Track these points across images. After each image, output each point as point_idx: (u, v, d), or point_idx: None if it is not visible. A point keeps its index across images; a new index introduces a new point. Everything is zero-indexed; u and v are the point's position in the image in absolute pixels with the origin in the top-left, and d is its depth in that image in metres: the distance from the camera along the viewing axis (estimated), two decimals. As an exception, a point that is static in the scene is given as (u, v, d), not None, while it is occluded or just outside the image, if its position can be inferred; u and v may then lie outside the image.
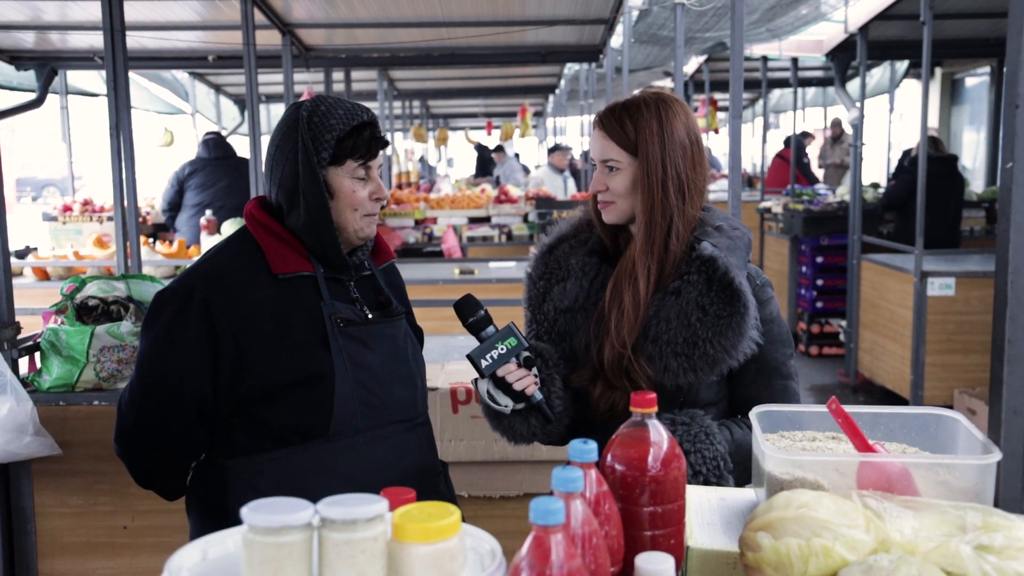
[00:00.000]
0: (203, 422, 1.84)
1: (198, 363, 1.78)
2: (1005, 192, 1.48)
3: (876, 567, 1.07)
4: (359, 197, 1.84)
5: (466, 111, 16.78)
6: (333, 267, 1.89)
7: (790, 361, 1.91)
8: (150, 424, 1.83)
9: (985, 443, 1.34)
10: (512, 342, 1.81)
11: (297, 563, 0.98)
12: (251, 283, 1.81)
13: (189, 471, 1.95)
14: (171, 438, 1.85)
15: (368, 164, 1.85)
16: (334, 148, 1.80)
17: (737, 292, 1.77)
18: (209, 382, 1.79)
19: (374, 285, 1.98)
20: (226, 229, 5.94)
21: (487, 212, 8.50)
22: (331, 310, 1.83)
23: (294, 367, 1.79)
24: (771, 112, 14.42)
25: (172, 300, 1.81)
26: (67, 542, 3.06)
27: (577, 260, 1.94)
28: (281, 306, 1.81)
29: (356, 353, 1.84)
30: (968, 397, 5.72)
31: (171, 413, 1.81)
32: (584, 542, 1.04)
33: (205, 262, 1.88)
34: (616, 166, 1.85)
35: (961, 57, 10.62)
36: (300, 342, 1.80)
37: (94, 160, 16.16)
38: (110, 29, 3.85)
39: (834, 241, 7.89)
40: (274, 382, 1.78)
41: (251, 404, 1.80)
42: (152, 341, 1.82)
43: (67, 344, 2.95)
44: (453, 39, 6.58)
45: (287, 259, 1.83)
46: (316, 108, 1.82)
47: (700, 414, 1.80)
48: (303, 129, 1.80)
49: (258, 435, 1.81)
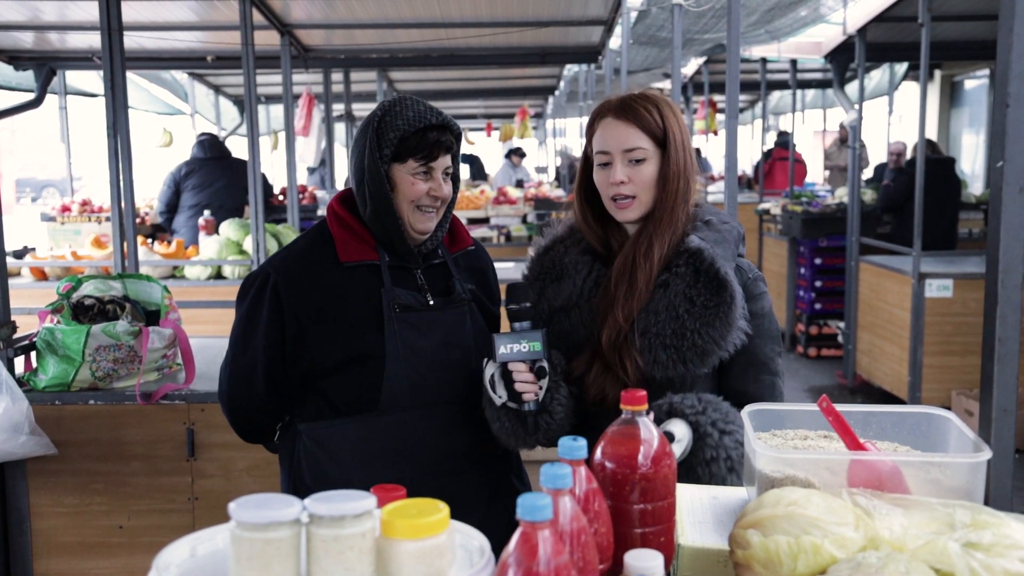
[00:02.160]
0: (279, 390, 2.03)
1: (270, 339, 1.98)
2: (996, 191, 1.48)
3: (864, 564, 1.07)
4: (416, 190, 1.95)
5: (466, 112, 16.78)
6: (400, 256, 2.02)
7: (778, 359, 1.91)
8: (237, 387, 2.06)
9: (976, 442, 1.34)
10: (536, 346, 1.82)
11: (285, 559, 0.98)
12: (318, 270, 1.98)
13: (277, 430, 2.14)
14: (255, 401, 2.05)
15: (430, 164, 1.95)
16: (396, 146, 1.93)
17: (723, 282, 1.78)
18: (280, 356, 1.99)
19: (445, 272, 2.09)
20: (224, 230, 5.94)
21: (486, 213, 8.51)
22: (391, 296, 1.96)
23: (349, 346, 1.95)
24: (770, 114, 14.43)
25: (253, 283, 2.02)
26: (63, 542, 3.06)
27: (571, 259, 1.95)
28: (343, 291, 1.97)
29: (409, 337, 1.96)
30: (965, 398, 5.73)
31: (252, 381, 2.02)
32: (572, 539, 1.04)
33: (281, 251, 2.08)
34: (643, 155, 1.84)
35: (960, 59, 10.62)
36: (356, 323, 1.95)
37: (93, 161, 16.15)
38: (107, 29, 3.86)
39: (832, 243, 7.89)
40: (331, 358, 1.95)
41: (315, 377, 1.99)
42: (238, 319, 2.05)
43: (63, 343, 2.95)
44: (452, 40, 6.58)
45: (354, 249, 1.99)
46: (391, 107, 1.96)
47: (720, 400, 1.80)
48: (373, 126, 1.95)
49: (321, 405, 2.00)
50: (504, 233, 7.95)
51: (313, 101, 7.76)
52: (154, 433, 3.05)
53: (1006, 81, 1.48)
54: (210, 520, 1.95)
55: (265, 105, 11.06)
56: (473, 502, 1.91)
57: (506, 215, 8.44)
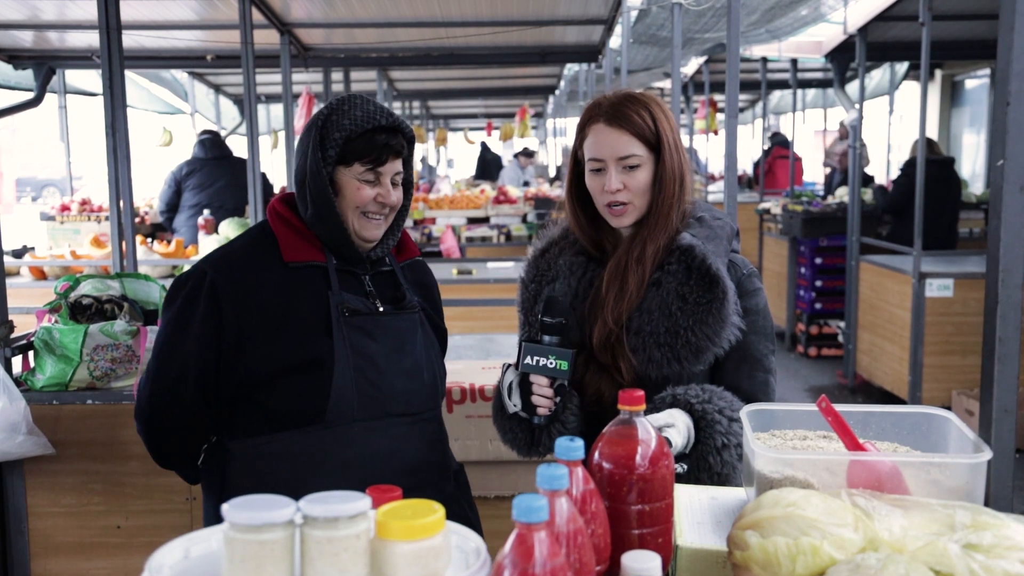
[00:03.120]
0: (208, 402, 1.87)
1: (204, 344, 1.82)
2: (996, 190, 1.47)
3: (864, 566, 1.06)
4: (362, 196, 1.84)
5: (466, 112, 16.78)
6: (346, 260, 1.91)
7: (771, 356, 1.91)
8: (160, 401, 1.87)
9: (976, 442, 1.33)
10: (564, 365, 1.79)
11: (278, 561, 0.97)
12: (260, 269, 1.85)
13: (201, 453, 1.97)
14: (180, 416, 1.87)
15: (378, 170, 1.85)
16: (341, 147, 1.82)
17: (715, 278, 1.77)
18: (214, 362, 1.83)
19: (393, 281, 1.99)
20: (223, 229, 5.93)
21: (486, 213, 8.50)
22: (338, 299, 1.85)
23: (294, 351, 1.81)
24: (771, 114, 14.41)
25: (186, 283, 1.86)
26: (60, 542, 3.06)
27: (565, 261, 1.94)
28: (288, 292, 1.84)
29: (359, 342, 1.84)
30: (966, 398, 5.71)
31: (180, 390, 1.85)
32: (569, 540, 1.03)
33: (220, 249, 1.94)
34: (638, 162, 1.82)
35: (961, 59, 10.60)
36: (302, 328, 1.82)
37: (94, 160, 16.15)
38: (106, 28, 3.85)
39: (833, 242, 7.88)
40: (273, 365, 1.81)
41: (251, 388, 1.83)
42: (167, 322, 1.88)
43: (61, 343, 2.95)
44: (452, 39, 6.57)
45: (299, 248, 1.87)
46: (338, 106, 1.85)
47: (721, 390, 1.79)
48: (317, 125, 1.83)
49: (257, 419, 1.84)
50: (504, 232, 7.94)
51: (313, 100, 7.75)
52: (152, 433, 3.04)
53: (1007, 79, 1.47)
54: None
55: (265, 104, 11.05)
56: None
57: (506, 214, 8.43)
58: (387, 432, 1.86)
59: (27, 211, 21.32)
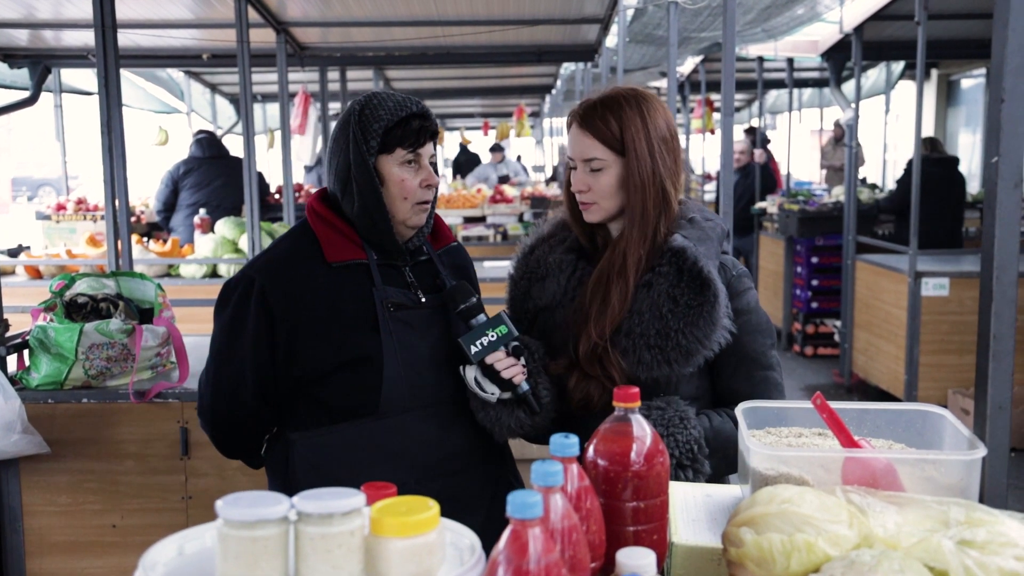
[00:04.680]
0: (268, 400, 1.96)
1: (259, 348, 1.91)
2: (991, 187, 1.47)
3: (858, 562, 1.06)
4: (409, 185, 1.91)
5: (463, 111, 16.76)
6: (387, 253, 1.97)
7: (771, 351, 1.90)
8: (223, 402, 1.98)
9: (971, 439, 1.33)
10: (503, 329, 1.82)
11: (272, 557, 0.97)
12: (305, 272, 1.92)
13: (264, 442, 2.08)
14: (241, 414, 1.98)
15: (417, 151, 1.91)
16: (383, 136, 1.89)
17: (707, 281, 1.77)
18: (270, 364, 1.91)
19: (431, 269, 2.05)
20: (219, 228, 5.93)
21: (482, 212, 8.50)
22: (382, 295, 1.92)
23: (343, 350, 1.89)
24: (767, 113, 14.42)
25: (236, 289, 1.94)
26: (55, 541, 3.05)
27: (555, 258, 1.95)
28: (333, 293, 1.91)
29: (405, 336, 1.92)
30: (962, 397, 5.72)
31: (240, 392, 1.94)
32: (563, 536, 1.03)
33: (264, 253, 2.01)
34: (601, 166, 1.83)
35: (956, 58, 10.63)
36: (350, 326, 1.90)
37: (90, 159, 16.12)
38: (102, 26, 3.84)
39: (829, 241, 7.89)
40: (326, 364, 1.89)
41: (307, 384, 1.92)
42: (220, 327, 1.97)
43: (56, 342, 2.94)
44: (448, 38, 6.56)
45: (341, 248, 1.93)
46: (368, 102, 1.92)
47: (677, 399, 1.80)
48: (354, 121, 1.90)
49: (316, 412, 1.94)
50: (500, 231, 7.94)
51: (309, 99, 7.75)
52: (147, 432, 3.04)
53: (1001, 77, 1.47)
54: (204, 519, 1.92)
55: (261, 103, 11.04)
56: (476, 502, 1.91)
57: (502, 213, 8.42)
58: (436, 419, 1.94)
59: (23, 210, 21.27)
